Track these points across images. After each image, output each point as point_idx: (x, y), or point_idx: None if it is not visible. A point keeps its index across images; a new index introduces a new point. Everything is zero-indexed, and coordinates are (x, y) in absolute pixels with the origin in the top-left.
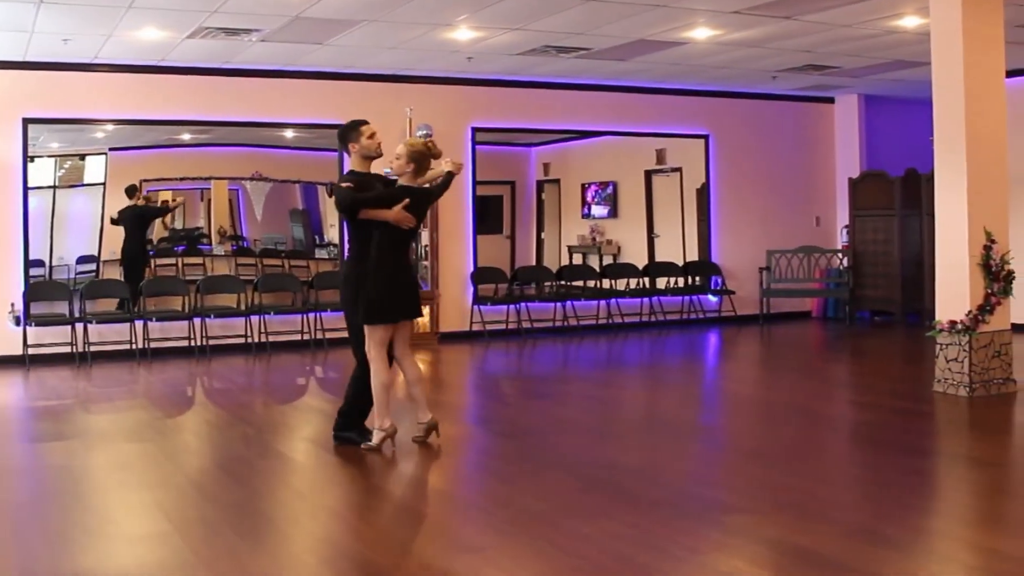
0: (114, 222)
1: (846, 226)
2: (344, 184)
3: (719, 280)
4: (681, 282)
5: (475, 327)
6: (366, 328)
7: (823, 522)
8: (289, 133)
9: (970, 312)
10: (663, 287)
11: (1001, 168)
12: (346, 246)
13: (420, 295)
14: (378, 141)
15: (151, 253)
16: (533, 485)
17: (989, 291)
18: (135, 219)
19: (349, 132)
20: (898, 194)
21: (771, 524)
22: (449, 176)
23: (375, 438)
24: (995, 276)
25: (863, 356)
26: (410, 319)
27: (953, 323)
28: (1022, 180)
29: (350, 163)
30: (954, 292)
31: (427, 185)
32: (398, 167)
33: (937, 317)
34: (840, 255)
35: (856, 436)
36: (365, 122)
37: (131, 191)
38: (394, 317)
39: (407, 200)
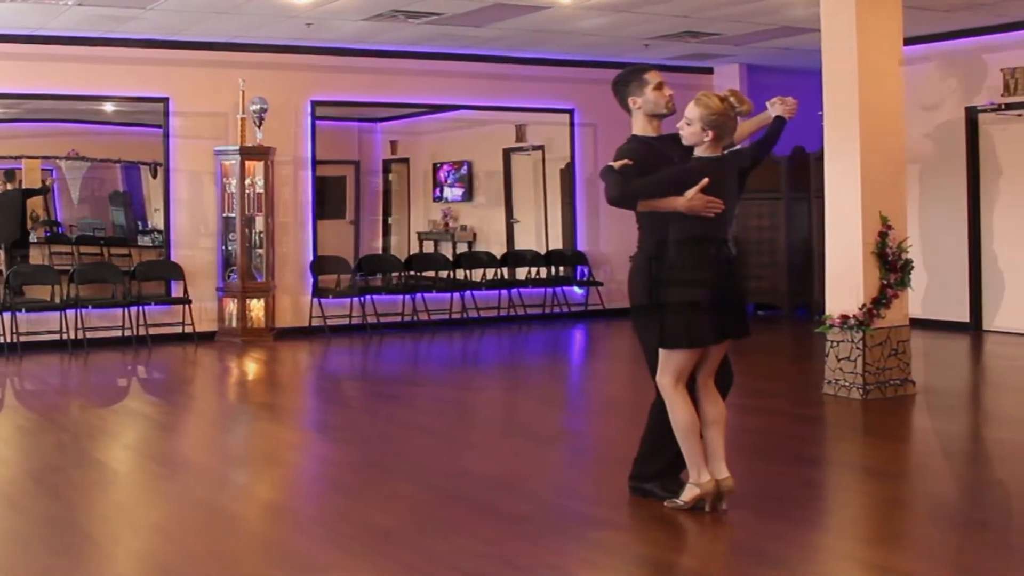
0: None
1: None
2: (618, 162)
3: (585, 271)
4: (543, 273)
5: (315, 322)
6: (660, 351)
7: (702, 538)
8: (109, 107)
9: (864, 306)
10: (523, 278)
11: (898, 146)
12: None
13: (744, 306)
14: (669, 93)
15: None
16: (380, 498)
17: (885, 282)
18: (14, 203)
19: (628, 83)
20: (784, 175)
21: (643, 541)
22: (779, 124)
23: (686, 494)
24: (891, 266)
25: (745, 354)
26: (735, 339)
27: (845, 318)
28: (922, 160)
29: (632, 125)
30: (846, 284)
31: (737, 146)
32: (691, 136)
33: (827, 311)
34: None
35: (737, 443)
36: (649, 67)
37: (10, 175)
38: (704, 339)
39: (705, 180)
